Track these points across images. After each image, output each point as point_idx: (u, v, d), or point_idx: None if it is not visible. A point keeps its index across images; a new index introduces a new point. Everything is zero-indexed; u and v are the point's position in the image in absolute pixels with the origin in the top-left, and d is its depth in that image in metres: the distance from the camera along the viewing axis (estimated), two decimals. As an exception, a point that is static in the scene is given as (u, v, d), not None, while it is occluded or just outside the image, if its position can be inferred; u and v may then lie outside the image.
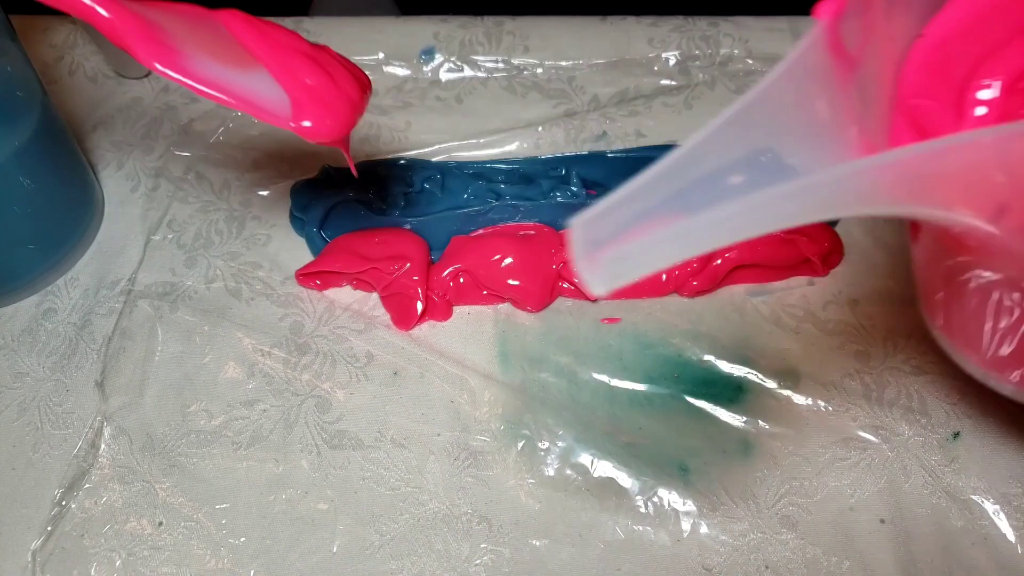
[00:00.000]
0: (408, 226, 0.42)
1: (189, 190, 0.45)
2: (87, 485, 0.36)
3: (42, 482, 0.36)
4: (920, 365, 0.38)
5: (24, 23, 0.51)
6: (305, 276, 0.41)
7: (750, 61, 0.48)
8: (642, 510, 0.35)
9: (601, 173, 0.44)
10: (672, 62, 0.48)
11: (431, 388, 0.38)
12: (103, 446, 0.37)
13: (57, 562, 0.34)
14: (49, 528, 0.35)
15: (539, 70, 0.48)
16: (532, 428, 0.37)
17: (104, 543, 0.35)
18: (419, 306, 0.39)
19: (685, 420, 0.37)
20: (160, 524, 0.35)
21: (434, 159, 0.45)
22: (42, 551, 0.34)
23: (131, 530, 0.35)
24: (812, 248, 0.40)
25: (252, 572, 0.34)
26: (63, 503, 0.36)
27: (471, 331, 0.40)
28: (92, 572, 0.34)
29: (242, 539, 0.35)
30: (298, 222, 0.43)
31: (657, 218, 0.20)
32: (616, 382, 0.38)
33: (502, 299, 0.41)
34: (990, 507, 0.35)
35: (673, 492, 0.35)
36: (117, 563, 0.34)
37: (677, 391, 0.38)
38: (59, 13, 0.28)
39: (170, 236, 0.44)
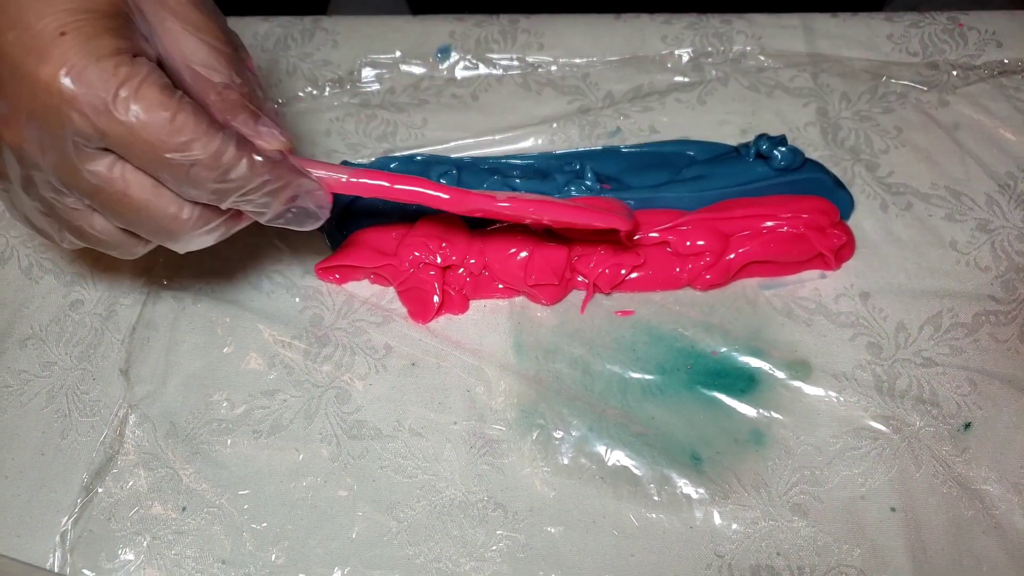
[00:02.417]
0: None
1: (211, 185, 0.46)
2: (114, 470, 0.37)
3: (70, 467, 0.37)
4: (931, 357, 0.38)
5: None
6: (324, 270, 0.42)
7: (762, 58, 0.48)
8: (655, 498, 0.36)
9: (615, 168, 0.44)
10: (685, 59, 0.49)
11: (448, 378, 0.39)
12: (128, 433, 0.38)
13: (85, 544, 0.35)
14: (77, 512, 0.36)
15: (554, 67, 0.49)
16: (547, 417, 0.38)
17: (130, 527, 0.36)
18: (436, 300, 0.40)
19: (697, 410, 0.38)
20: (184, 509, 0.36)
21: (450, 155, 0.46)
22: (71, 533, 0.36)
23: (156, 514, 0.36)
24: (824, 242, 0.40)
25: (273, 556, 0.35)
26: (91, 488, 0.37)
27: (487, 323, 0.41)
28: (119, 554, 0.35)
29: (264, 524, 0.36)
30: (317, 217, 0.44)
31: None
32: (629, 373, 0.39)
33: (517, 292, 0.41)
34: (1001, 496, 0.35)
35: (685, 480, 0.36)
36: (144, 545, 0.35)
37: (690, 382, 0.38)
38: None
39: (192, 230, 0.44)
